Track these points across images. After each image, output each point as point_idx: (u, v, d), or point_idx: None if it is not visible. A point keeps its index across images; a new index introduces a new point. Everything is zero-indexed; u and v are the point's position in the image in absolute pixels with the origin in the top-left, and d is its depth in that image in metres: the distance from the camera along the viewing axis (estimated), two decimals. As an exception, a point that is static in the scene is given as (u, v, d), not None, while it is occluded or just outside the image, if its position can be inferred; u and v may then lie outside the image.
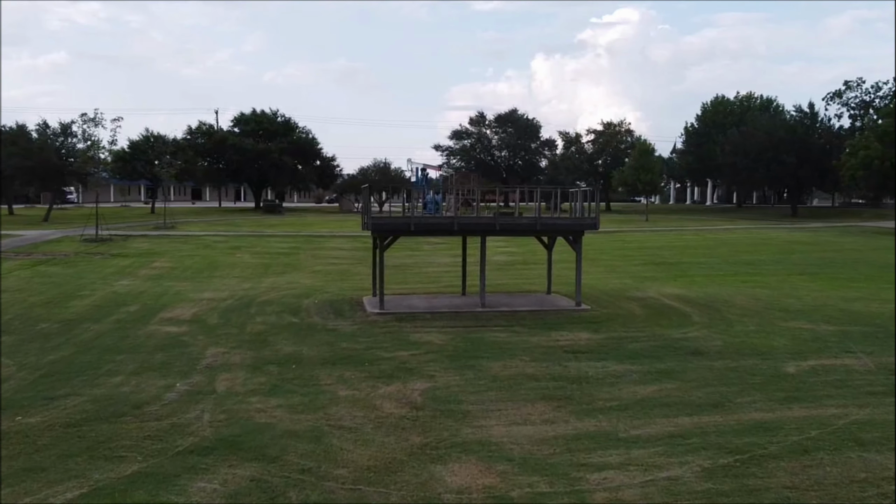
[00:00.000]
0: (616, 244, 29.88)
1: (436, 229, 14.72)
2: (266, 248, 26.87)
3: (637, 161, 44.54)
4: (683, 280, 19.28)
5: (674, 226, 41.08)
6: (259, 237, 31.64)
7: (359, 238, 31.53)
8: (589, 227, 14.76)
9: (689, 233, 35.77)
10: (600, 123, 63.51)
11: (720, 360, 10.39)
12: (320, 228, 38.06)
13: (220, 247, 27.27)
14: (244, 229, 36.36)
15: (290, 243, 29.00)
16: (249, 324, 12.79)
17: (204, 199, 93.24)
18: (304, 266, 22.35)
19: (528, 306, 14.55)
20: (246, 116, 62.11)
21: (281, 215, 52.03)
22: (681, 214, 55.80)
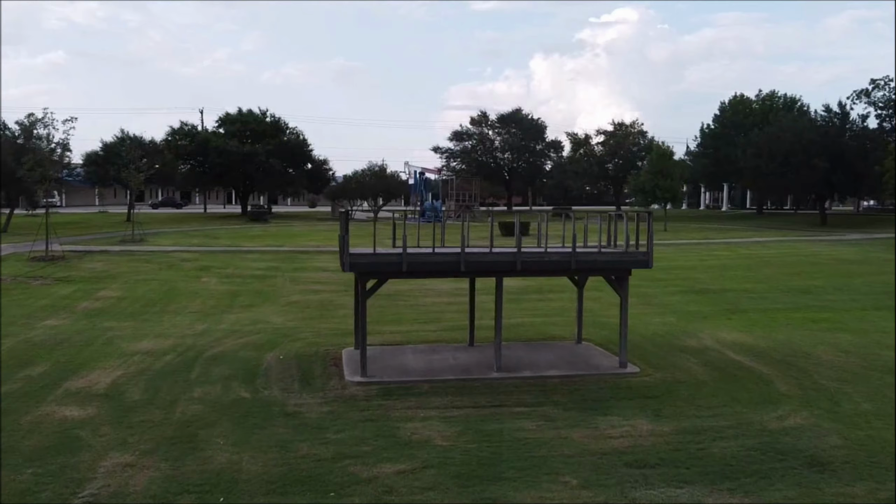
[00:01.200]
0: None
1: (437, 269, 11.40)
2: (238, 270, 23.61)
3: (655, 166, 41.30)
4: (739, 319, 16.04)
5: (697, 237, 37.84)
6: (234, 253, 28.38)
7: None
8: (640, 264, 11.48)
9: (718, 246, 32.54)
10: (611, 123, 60.45)
11: (857, 479, 7.16)
12: (306, 241, 34.80)
13: (186, 267, 24.01)
14: (220, 242, 33.10)
15: (269, 262, 25.75)
16: (182, 401, 9.54)
17: (194, 202, 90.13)
18: (279, 295, 19.10)
19: (558, 368, 11.33)
20: (232, 116, 58.83)
21: (266, 223, 48.77)
22: (699, 222, 52.60)
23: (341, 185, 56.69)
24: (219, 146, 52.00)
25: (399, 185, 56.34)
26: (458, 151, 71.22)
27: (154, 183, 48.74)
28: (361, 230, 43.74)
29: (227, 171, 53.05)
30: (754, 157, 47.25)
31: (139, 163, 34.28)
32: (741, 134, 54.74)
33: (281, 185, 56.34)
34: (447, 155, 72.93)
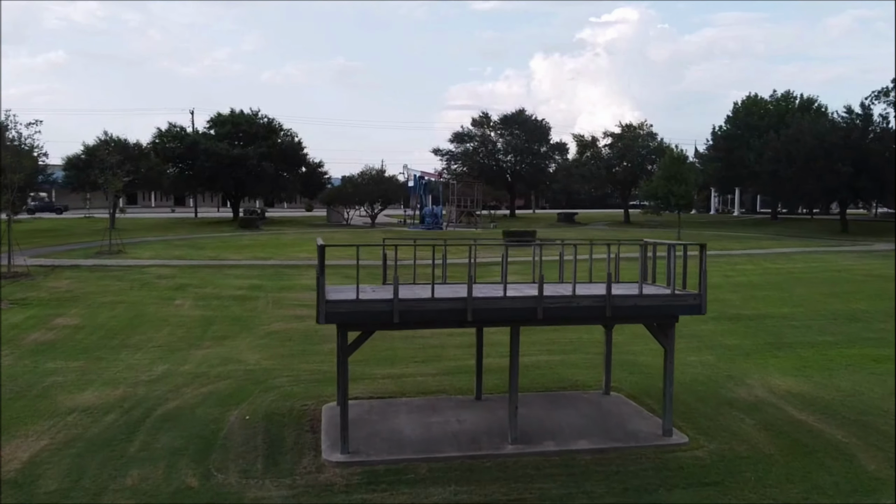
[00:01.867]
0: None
1: (436, 318, 9.27)
2: (218, 289, 21.55)
3: (668, 171, 39.25)
4: (788, 356, 13.99)
5: (715, 247, 35.70)
6: (217, 268, 26.32)
7: (342, 271, 26.27)
8: (691, 309, 9.44)
9: (739, 259, 30.48)
10: (618, 125, 58.33)
11: None
12: (296, 252, 32.74)
13: (160, 286, 21.95)
14: (204, 255, 31.04)
15: (252, 279, 23.70)
16: (109, 492, 7.50)
17: (187, 205, 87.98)
18: (258, 322, 17.05)
19: (588, 437, 9.27)
20: (223, 117, 56.74)
21: (257, 230, 46.69)
22: (712, 228, 50.56)
23: (337, 189, 54.61)
24: (208, 148, 49.94)
25: (397, 189, 54.30)
26: (459, 154, 69.08)
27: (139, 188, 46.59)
28: (357, 238, 41.77)
29: (217, 175, 50.99)
30: (772, 161, 45.20)
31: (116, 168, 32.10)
32: (756, 136, 52.68)
33: (273, 190, 54.24)
34: (448, 157, 70.83)
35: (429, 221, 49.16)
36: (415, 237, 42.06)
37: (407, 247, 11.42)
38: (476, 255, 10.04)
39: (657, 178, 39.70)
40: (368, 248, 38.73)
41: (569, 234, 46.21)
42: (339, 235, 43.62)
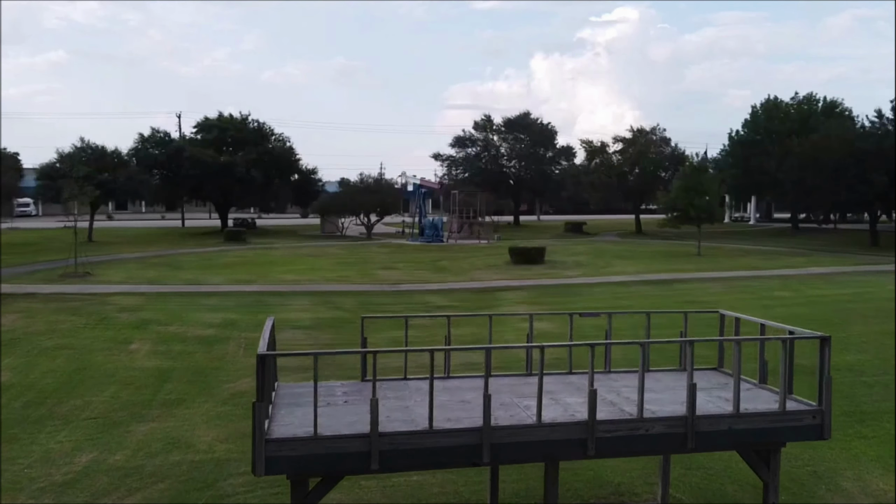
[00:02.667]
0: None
1: (437, 460, 6.35)
2: (185, 327, 18.90)
3: (687, 181, 36.60)
4: (877, 435, 11.36)
5: (741, 266, 33.09)
6: (192, 296, 23.67)
7: (331, 298, 23.65)
8: (808, 432, 6.72)
9: (771, 281, 27.80)
10: (629, 130, 55.72)
11: None
12: (284, 272, 30.10)
13: (120, 322, 19.30)
14: (181, 276, 28.41)
15: (228, 311, 21.05)
16: None
17: (201, 200, 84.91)
18: (224, 377, 14.41)
19: None
20: (210, 121, 54.22)
21: (245, 243, 44.04)
22: (731, 240, 47.85)
23: (331, 198, 51.98)
24: (193, 155, 47.33)
25: (395, 197, 51.67)
26: (460, 159, 66.52)
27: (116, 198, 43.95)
28: (352, 255, 39.14)
29: (203, 184, 48.40)
30: (798, 169, 42.56)
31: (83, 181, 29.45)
32: (776, 142, 50.07)
33: (263, 199, 51.63)
34: (448, 162, 68.26)
35: (429, 234, 46.53)
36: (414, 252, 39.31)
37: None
38: (490, 360, 7.27)
39: (676, 189, 37.03)
40: (362, 266, 35.42)
41: (579, 247, 43.60)
42: (331, 250, 41.01)
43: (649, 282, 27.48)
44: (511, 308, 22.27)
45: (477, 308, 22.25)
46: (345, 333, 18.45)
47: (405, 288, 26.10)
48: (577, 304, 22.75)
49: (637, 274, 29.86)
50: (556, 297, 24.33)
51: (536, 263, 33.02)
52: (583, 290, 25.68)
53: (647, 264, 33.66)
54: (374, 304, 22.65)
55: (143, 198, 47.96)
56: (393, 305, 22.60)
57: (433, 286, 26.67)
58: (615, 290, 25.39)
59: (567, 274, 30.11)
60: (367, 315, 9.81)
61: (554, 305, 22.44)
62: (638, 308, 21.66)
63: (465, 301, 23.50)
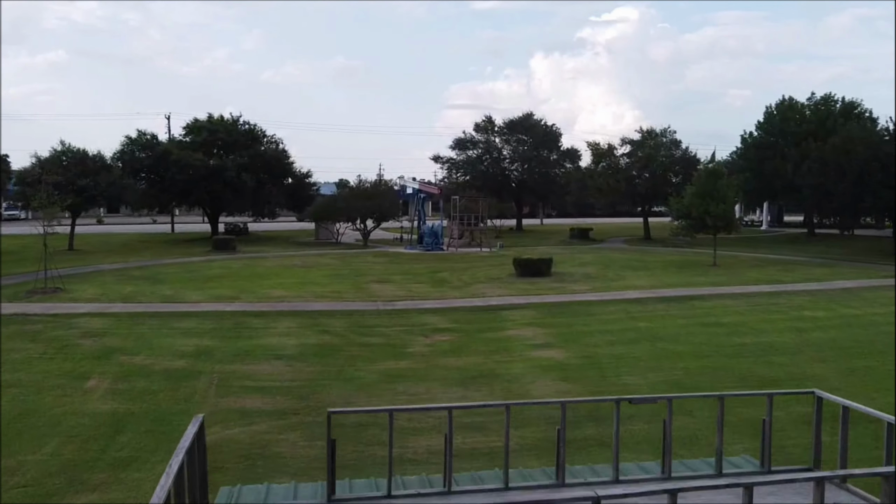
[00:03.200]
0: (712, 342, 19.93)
1: None
2: (154, 356, 17.04)
3: (703, 187, 34.72)
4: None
5: (761, 278, 31.20)
6: (167, 316, 21.80)
7: (319, 319, 21.77)
8: None
9: (799, 297, 25.89)
10: (638, 131, 53.81)
11: None
12: (271, 286, 28.23)
13: (82, 351, 17.45)
14: (160, 292, 26.55)
15: (204, 336, 19.17)
16: None
17: (189, 205, 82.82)
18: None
19: None
20: (200, 123, 52.34)
21: (234, 251, 42.16)
22: (746, 248, 45.93)
23: (325, 203, 50.07)
24: (180, 159, 45.46)
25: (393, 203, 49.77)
26: (461, 162, 64.63)
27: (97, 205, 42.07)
28: (345, 265, 37.24)
29: (191, 189, 46.52)
30: (817, 174, 40.69)
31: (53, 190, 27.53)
32: (793, 144, 48.21)
33: (255, 205, 49.74)
34: (449, 165, 66.37)
35: (428, 242, 44.62)
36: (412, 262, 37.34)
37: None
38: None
39: (690, 196, 35.13)
40: (355, 279, 33.27)
41: (586, 256, 41.70)
42: (324, 259, 39.13)
43: (665, 298, 25.60)
44: (517, 331, 20.41)
45: (478, 331, 20.41)
46: (332, 364, 16.62)
47: (401, 306, 24.24)
48: (591, 326, 20.89)
49: (651, 289, 27.99)
50: (566, 316, 22.45)
51: (542, 276, 31.15)
52: (594, 308, 23.80)
53: (660, 277, 31.79)
54: (366, 327, 20.78)
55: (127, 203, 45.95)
56: (386, 328, 20.74)
57: (431, 303, 24.81)
58: (629, 309, 23.50)
59: (575, 288, 28.23)
60: (336, 410, 7.88)
61: (565, 329, 20.57)
62: (661, 332, 19.82)
63: (465, 322, 21.64)
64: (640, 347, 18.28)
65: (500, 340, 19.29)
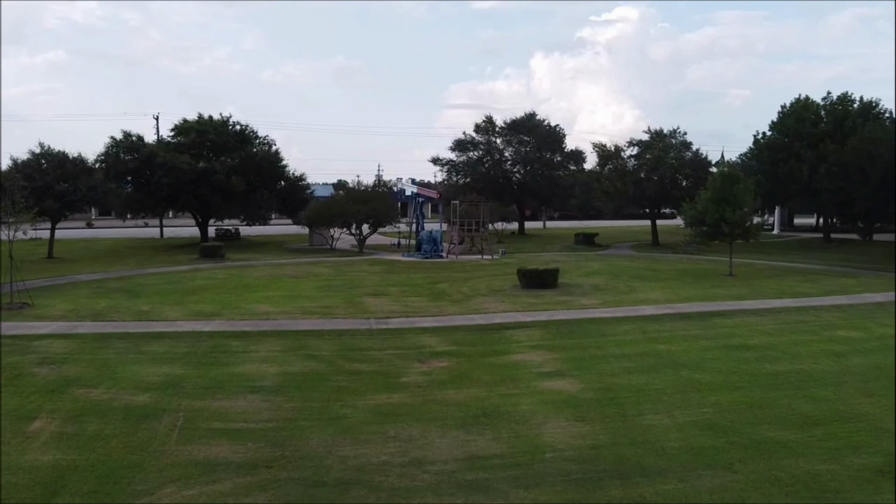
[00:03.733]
0: (742, 369, 18.16)
1: None
2: (115, 389, 15.23)
3: (718, 192, 32.93)
4: None
5: (783, 290, 29.42)
6: (138, 338, 20.00)
7: (306, 340, 19.96)
8: None
9: (829, 314, 24.09)
10: (646, 132, 52.00)
11: None
12: (257, 300, 26.44)
13: (34, 383, 15.64)
14: (135, 307, 24.75)
15: (176, 362, 17.38)
16: None
17: (167, 216, 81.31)
18: (139, 485, 10.77)
19: None
20: (188, 124, 50.56)
21: (222, 259, 40.38)
22: (759, 255, 44.16)
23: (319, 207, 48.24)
24: (166, 162, 43.64)
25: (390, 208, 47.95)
26: (461, 164, 62.83)
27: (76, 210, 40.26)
28: (339, 275, 35.43)
29: (178, 193, 44.71)
30: (837, 178, 38.89)
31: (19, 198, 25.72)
32: (808, 146, 46.43)
33: (245, 209, 47.93)
34: (448, 167, 64.60)
35: (427, 249, 42.80)
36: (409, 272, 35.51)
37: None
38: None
39: (704, 201, 33.31)
40: (348, 291, 31.10)
41: (594, 264, 39.92)
42: (317, 269, 37.35)
43: (683, 315, 23.81)
44: (524, 355, 18.58)
45: (480, 355, 18.59)
46: (316, 398, 14.81)
47: (395, 324, 22.44)
48: (605, 349, 19.08)
49: (667, 303, 26.20)
50: (577, 336, 20.64)
51: (548, 288, 29.37)
52: (606, 327, 21.98)
53: (674, 289, 30.00)
54: (357, 351, 18.97)
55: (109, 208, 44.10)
56: (379, 351, 18.92)
57: (428, 321, 23.00)
58: (645, 328, 21.70)
59: (584, 303, 26.43)
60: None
61: (576, 352, 18.75)
62: (683, 356, 17.99)
63: (466, 344, 19.84)
64: (661, 377, 16.46)
65: (506, 367, 17.48)
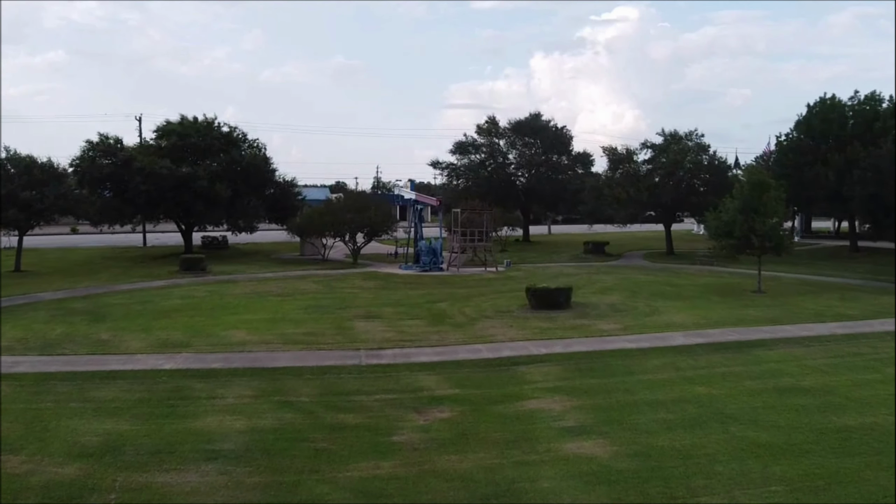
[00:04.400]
0: (803, 424, 15.51)
1: None
2: (37, 457, 12.53)
3: (747, 201, 30.23)
4: None
5: (818, 311, 26.72)
6: (86, 380, 17.31)
7: (283, 380, 17.23)
8: None
9: (877, 339, 21.42)
10: (659, 133, 49.27)
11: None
12: (235, 324, 23.74)
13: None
14: (96, 334, 22.07)
15: (124, 414, 14.68)
16: None
17: (157, 218, 78.46)
18: None
19: None
20: (171, 126, 47.86)
21: (204, 273, 37.66)
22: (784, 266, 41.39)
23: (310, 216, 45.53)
24: (145, 167, 40.92)
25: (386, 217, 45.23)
26: (462, 168, 60.14)
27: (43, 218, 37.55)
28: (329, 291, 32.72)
29: (158, 200, 42.00)
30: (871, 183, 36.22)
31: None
32: (836, 149, 43.75)
33: (231, 217, 45.18)
34: (449, 171, 61.91)
35: (426, 261, 40.08)
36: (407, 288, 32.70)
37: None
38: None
39: (731, 211, 30.59)
40: (338, 313, 27.62)
41: (607, 278, 37.21)
42: (305, 284, 34.63)
43: (718, 346, 21.09)
44: (540, 401, 15.85)
45: (488, 401, 15.87)
46: (287, 469, 12.09)
47: (388, 358, 19.71)
48: (635, 393, 16.35)
49: (696, 328, 23.50)
50: (600, 375, 17.92)
51: (561, 308, 26.68)
52: (633, 362, 19.25)
53: (700, 309, 27.29)
54: (342, 396, 16.25)
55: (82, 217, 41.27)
56: (368, 396, 16.19)
57: (427, 353, 20.29)
58: (678, 364, 18.98)
59: (603, 328, 23.73)
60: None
61: (602, 398, 16.01)
62: (729, 405, 15.23)
63: (471, 385, 17.13)
64: (709, 435, 13.72)
65: (519, 419, 14.75)
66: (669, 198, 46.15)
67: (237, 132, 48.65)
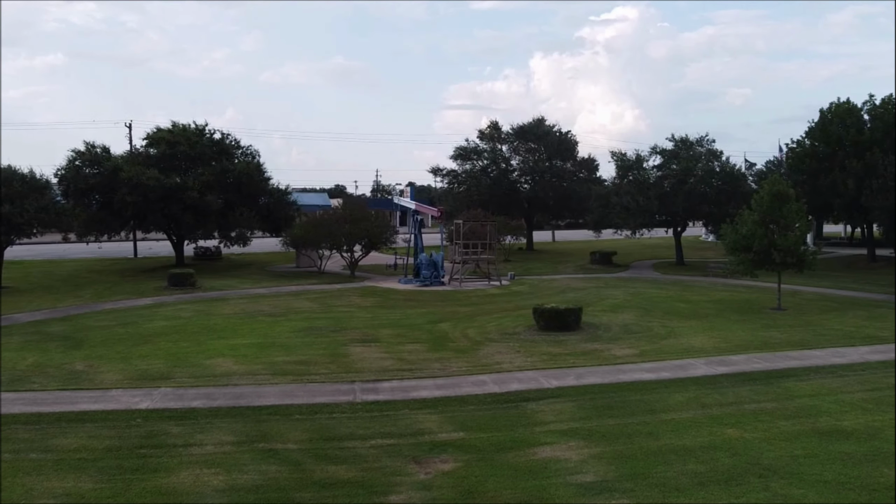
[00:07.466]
0: (851, 478, 13.98)
1: None
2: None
3: (767, 212, 28.74)
4: None
5: (846, 331, 25.24)
6: (53, 423, 15.83)
7: (268, 423, 15.73)
8: None
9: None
10: (669, 139, 47.77)
11: None
12: (221, 350, 22.25)
13: None
14: (70, 364, 20.58)
15: (87, 470, 13.20)
16: None
17: (146, 230, 77.11)
18: None
19: None
20: (161, 133, 46.41)
21: (192, 289, 36.18)
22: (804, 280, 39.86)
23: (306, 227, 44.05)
24: (131, 178, 39.46)
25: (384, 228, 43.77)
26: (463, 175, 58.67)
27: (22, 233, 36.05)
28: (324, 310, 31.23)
29: (145, 212, 40.53)
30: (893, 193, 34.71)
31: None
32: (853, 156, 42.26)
33: (222, 229, 43.68)
34: (450, 178, 60.43)
35: (426, 275, 38.58)
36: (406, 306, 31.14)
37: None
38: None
39: (750, 223, 29.10)
40: (333, 337, 25.65)
41: (617, 292, 35.72)
42: (299, 302, 33.17)
43: (744, 377, 19.59)
44: (554, 449, 14.33)
45: (496, 448, 14.35)
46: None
47: (386, 392, 18.22)
48: (661, 438, 14.83)
49: (717, 353, 22.02)
50: (619, 415, 16.40)
51: (570, 330, 25.20)
52: (654, 398, 17.73)
53: (720, 330, 25.79)
54: (333, 442, 14.73)
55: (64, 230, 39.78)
56: (362, 441, 14.67)
57: (428, 386, 18.79)
58: (704, 400, 17.47)
59: (618, 354, 22.23)
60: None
61: (622, 444, 14.48)
62: (766, 452, 13.70)
63: (477, 428, 15.61)
64: (747, 493, 12.20)
65: (532, 473, 13.23)
66: (680, 207, 44.65)
67: (230, 139, 47.24)
